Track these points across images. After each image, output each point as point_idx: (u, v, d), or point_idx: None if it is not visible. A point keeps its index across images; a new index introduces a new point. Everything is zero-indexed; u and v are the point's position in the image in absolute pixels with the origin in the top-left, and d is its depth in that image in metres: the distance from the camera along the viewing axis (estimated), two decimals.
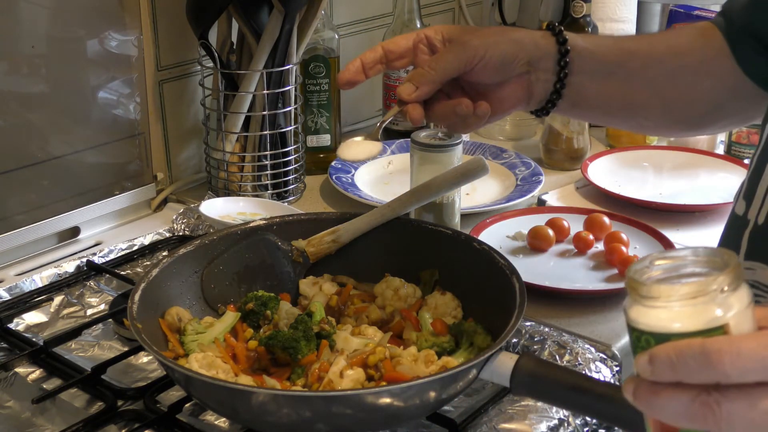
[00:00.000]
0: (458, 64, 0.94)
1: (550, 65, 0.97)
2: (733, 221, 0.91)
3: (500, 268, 1.03)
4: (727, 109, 1.04)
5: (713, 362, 0.54)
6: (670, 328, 0.56)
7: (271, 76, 1.41)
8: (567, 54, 0.97)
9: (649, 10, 1.99)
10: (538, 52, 0.97)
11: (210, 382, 0.87)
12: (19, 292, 1.21)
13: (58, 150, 1.34)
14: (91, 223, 1.40)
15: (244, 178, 1.46)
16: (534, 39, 0.98)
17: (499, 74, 0.96)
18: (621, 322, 1.15)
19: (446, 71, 0.94)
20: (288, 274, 1.13)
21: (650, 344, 0.57)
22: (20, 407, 0.99)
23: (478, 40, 0.95)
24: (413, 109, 0.95)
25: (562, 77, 0.98)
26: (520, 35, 0.98)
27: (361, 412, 0.86)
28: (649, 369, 0.57)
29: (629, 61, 1.01)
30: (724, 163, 1.59)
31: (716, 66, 1.00)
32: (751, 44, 0.97)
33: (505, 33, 0.98)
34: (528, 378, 0.89)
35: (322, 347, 0.98)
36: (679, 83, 1.01)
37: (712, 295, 0.56)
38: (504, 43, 0.95)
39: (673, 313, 0.56)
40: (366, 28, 1.82)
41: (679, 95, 1.02)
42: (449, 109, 0.97)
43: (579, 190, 1.53)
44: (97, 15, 1.35)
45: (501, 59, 0.95)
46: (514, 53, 0.96)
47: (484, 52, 0.94)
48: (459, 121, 0.97)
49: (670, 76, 1.01)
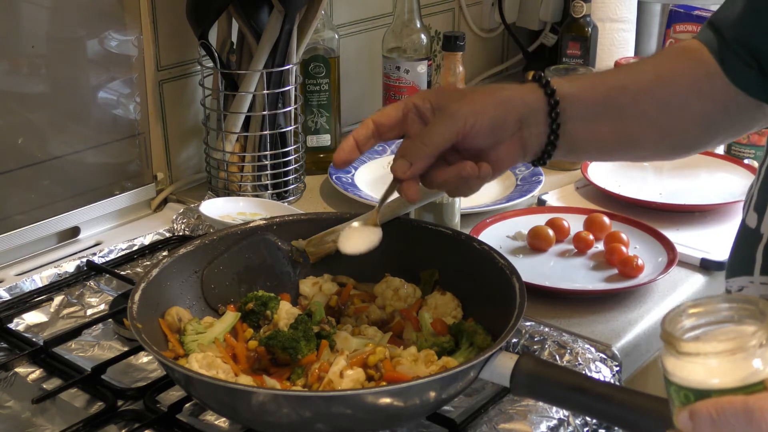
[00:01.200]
0: (450, 136, 0.92)
1: (542, 118, 0.95)
2: (745, 234, 0.90)
3: (500, 268, 1.03)
4: (722, 126, 1.02)
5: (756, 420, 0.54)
6: (709, 384, 0.56)
7: (271, 76, 1.41)
8: (557, 105, 0.95)
9: (649, 10, 1.99)
10: (528, 109, 0.95)
11: (210, 382, 0.87)
12: (19, 292, 1.21)
13: (58, 150, 1.34)
14: (91, 223, 1.40)
15: (244, 178, 1.46)
16: (522, 96, 0.95)
17: (492, 138, 0.94)
18: (621, 322, 1.15)
19: (438, 145, 0.92)
20: (288, 274, 1.13)
21: (690, 399, 0.57)
22: (20, 407, 0.99)
23: (466, 108, 0.92)
24: (409, 187, 0.93)
25: (555, 128, 0.96)
26: (507, 95, 0.95)
27: (361, 412, 0.86)
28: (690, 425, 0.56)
29: (618, 98, 0.99)
30: (724, 163, 1.59)
31: (707, 86, 0.98)
32: (742, 57, 0.95)
33: (493, 94, 0.95)
34: (528, 378, 0.89)
35: (322, 347, 0.98)
36: (671, 111, 0.99)
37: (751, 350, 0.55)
38: (492, 107, 0.93)
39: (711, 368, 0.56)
40: (366, 28, 1.82)
41: (673, 122, 1.00)
42: (452, 174, 0.94)
43: (579, 190, 1.53)
44: (97, 15, 1.35)
45: (491, 125, 0.93)
46: (504, 116, 0.93)
47: (474, 121, 0.92)
48: (462, 184, 0.95)
49: (662, 105, 0.99)
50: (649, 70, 1.01)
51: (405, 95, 1.71)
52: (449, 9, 2.02)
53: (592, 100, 0.98)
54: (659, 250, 1.28)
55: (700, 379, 0.56)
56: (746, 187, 1.50)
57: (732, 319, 0.57)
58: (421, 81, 1.71)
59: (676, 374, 0.57)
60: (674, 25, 1.85)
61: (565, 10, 2.05)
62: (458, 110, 0.92)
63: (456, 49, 1.63)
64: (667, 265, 1.23)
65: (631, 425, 0.85)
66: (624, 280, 1.22)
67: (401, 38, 1.70)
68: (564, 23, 1.89)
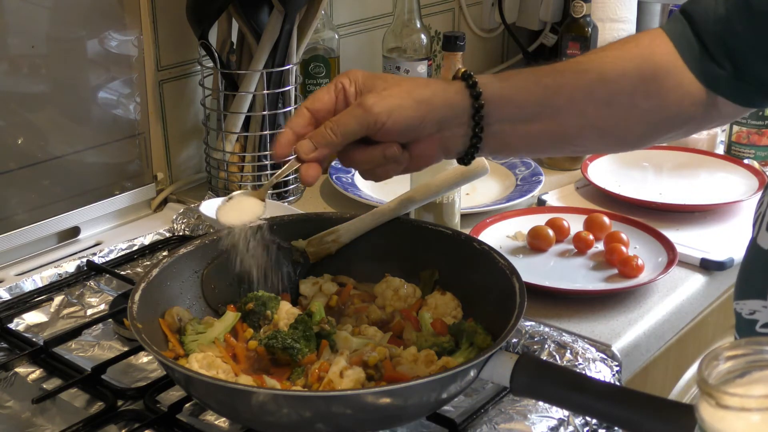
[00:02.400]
0: (359, 129, 0.89)
1: (465, 120, 0.92)
2: (756, 255, 0.86)
3: (500, 268, 1.03)
4: (673, 124, 0.98)
5: None
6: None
7: (271, 76, 1.41)
8: (481, 109, 0.91)
9: (649, 10, 1.99)
10: (450, 111, 0.91)
11: (210, 382, 0.87)
12: (19, 292, 1.21)
13: (58, 150, 1.34)
14: (91, 223, 1.40)
15: (244, 178, 1.46)
16: (446, 96, 0.92)
17: (405, 137, 0.91)
18: (621, 322, 1.15)
19: (346, 136, 0.90)
20: (288, 275, 1.13)
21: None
22: (20, 407, 0.99)
23: (381, 105, 0.88)
24: (308, 169, 0.90)
25: (478, 132, 0.92)
26: (429, 93, 0.91)
27: (361, 412, 0.86)
28: None
29: (553, 98, 0.95)
30: (724, 163, 1.60)
31: (657, 85, 0.94)
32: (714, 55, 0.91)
33: (413, 92, 0.90)
34: (528, 378, 0.89)
35: (322, 347, 0.98)
36: (613, 111, 0.95)
37: None
38: (409, 107, 0.89)
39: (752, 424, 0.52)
40: (366, 28, 1.82)
41: (614, 122, 0.96)
42: (376, 154, 0.91)
43: (579, 190, 1.53)
44: (97, 15, 1.35)
45: (405, 125, 0.89)
46: (421, 117, 0.90)
47: (387, 118, 0.88)
48: (380, 166, 0.93)
49: (602, 105, 0.95)
50: (592, 68, 0.96)
51: None
52: (449, 9, 2.02)
53: (522, 101, 0.94)
54: (659, 250, 1.28)
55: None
56: (746, 187, 1.51)
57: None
58: None
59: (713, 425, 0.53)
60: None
61: (565, 10, 2.05)
62: (373, 105, 0.89)
63: (456, 49, 1.62)
64: (667, 265, 1.23)
65: (631, 425, 0.85)
66: (624, 280, 1.22)
67: (401, 38, 1.70)
68: (564, 23, 1.89)
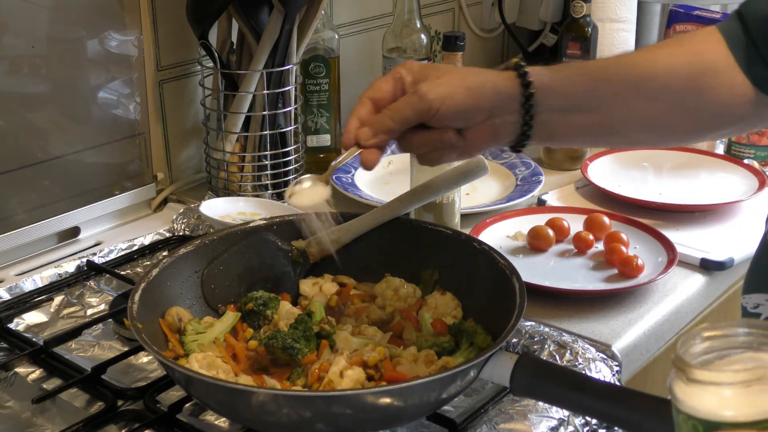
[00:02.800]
0: (414, 116, 0.93)
1: (515, 107, 0.94)
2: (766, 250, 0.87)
3: (500, 268, 1.03)
4: (723, 122, 0.99)
5: None
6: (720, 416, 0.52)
7: (271, 76, 1.41)
8: (531, 97, 0.94)
9: (649, 10, 1.99)
10: (500, 98, 0.94)
11: (210, 382, 0.87)
12: (19, 292, 1.21)
13: (58, 150, 1.34)
14: (91, 223, 1.40)
15: (244, 178, 1.46)
16: (495, 84, 0.95)
17: (458, 123, 0.94)
18: (621, 322, 1.15)
19: (403, 122, 0.94)
20: (288, 275, 1.13)
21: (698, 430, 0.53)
22: (20, 407, 0.99)
23: (434, 92, 0.92)
24: (368, 154, 0.95)
25: (528, 119, 0.95)
26: (481, 80, 0.95)
27: (361, 412, 0.86)
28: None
29: (600, 90, 0.97)
30: (724, 163, 1.59)
31: (708, 83, 0.95)
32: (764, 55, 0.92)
33: (465, 80, 0.94)
34: (528, 378, 0.89)
35: (322, 347, 0.98)
36: (660, 106, 0.96)
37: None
38: (461, 94, 0.93)
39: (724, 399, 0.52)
40: (366, 28, 1.82)
41: (661, 117, 0.97)
42: (434, 137, 0.95)
43: (579, 190, 1.53)
44: (97, 15, 1.35)
45: (457, 111, 0.93)
46: (473, 104, 0.93)
47: (440, 104, 0.92)
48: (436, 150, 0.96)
49: (649, 99, 0.96)
50: (642, 63, 0.98)
51: None
52: (449, 9, 2.02)
53: (570, 91, 0.96)
54: (659, 250, 1.28)
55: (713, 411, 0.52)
56: (746, 187, 1.51)
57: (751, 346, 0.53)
58: None
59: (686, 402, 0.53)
60: (674, 25, 1.84)
61: (565, 10, 2.05)
62: (427, 92, 0.92)
63: (456, 49, 1.63)
64: (667, 265, 1.23)
65: (631, 425, 0.85)
66: (624, 280, 1.22)
67: (401, 38, 1.70)
68: (564, 23, 1.89)
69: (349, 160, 1.60)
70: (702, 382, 0.53)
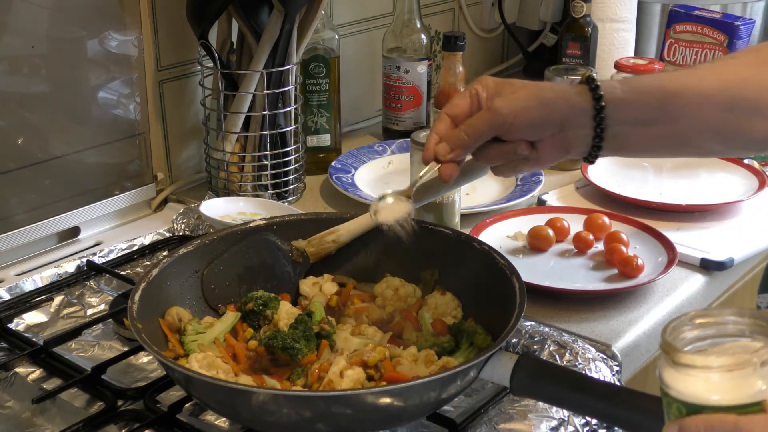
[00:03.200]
0: (489, 131, 0.97)
1: (587, 121, 0.97)
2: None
3: (500, 268, 1.03)
4: None
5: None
6: (705, 400, 0.53)
7: (271, 76, 1.41)
8: (602, 110, 0.96)
9: (649, 10, 1.99)
10: (572, 111, 0.97)
11: (210, 382, 0.87)
12: (19, 292, 1.21)
13: (58, 150, 1.34)
14: (91, 223, 1.40)
15: (244, 178, 1.46)
16: (567, 97, 0.97)
17: (531, 136, 0.97)
18: (621, 322, 1.15)
19: (478, 138, 0.97)
20: (288, 274, 1.13)
21: (682, 413, 0.54)
22: (20, 407, 0.99)
23: (508, 107, 0.96)
24: (446, 168, 0.99)
25: (600, 132, 0.97)
26: (553, 95, 0.98)
27: (361, 412, 0.86)
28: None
29: (674, 102, 0.97)
30: (724, 163, 1.59)
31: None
32: None
33: (539, 95, 0.97)
34: (528, 378, 0.89)
35: (322, 347, 0.98)
36: (735, 116, 0.96)
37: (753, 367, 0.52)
38: (534, 108, 0.96)
39: (710, 383, 0.53)
40: (366, 28, 1.82)
41: (736, 127, 0.97)
42: (508, 150, 0.98)
43: (579, 190, 1.53)
44: (97, 15, 1.35)
45: (530, 124, 0.96)
46: (545, 117, 0.96)
47: (513, 119, 0.95)
48: (510, 162, 0.99)
49: (723, 109, 0.96)
50: (712, 75, 0.98)
51: (405, 95, 1.71)
52: (449, 9, 2.02)
53: (642, 104, 0.97)
54: (659, 250, 1.28)
55: (698, 394, 0.53)
56: (746, 187, 1.51)
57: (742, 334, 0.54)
58: (421, 81, 1.71)
59: (672, 386, 0.54)
60: (674, 25, 1.85)
61: (565, 10, 2.05)
62: (501, 107, 0.96)
63: (456, 49, 1.63)
64: (667, 265, 1.23)
65: (631, 425, 0.85)
66: (624, 280, 1.22)
67: (401, 38, 1.70)
68: (564, 23, 1.89)
69: (349, 161, 1.60)
70: (689, 366, 0.53)
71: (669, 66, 1.82)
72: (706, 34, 1.81)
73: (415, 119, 1.74)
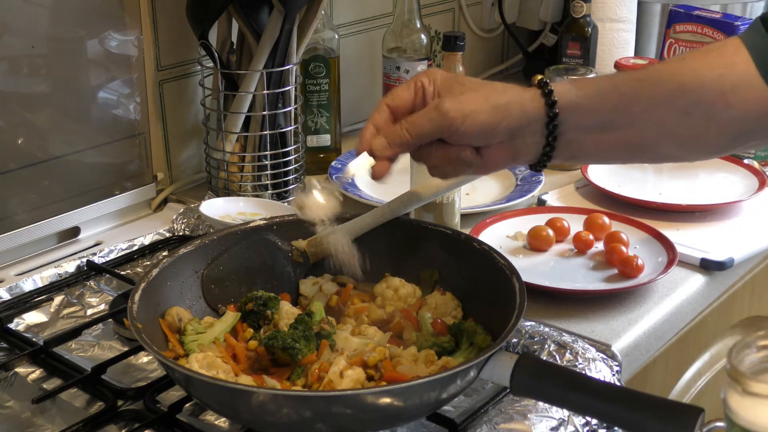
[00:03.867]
0: (433, 132, 0.91)
1: (539, 128, 0.93)
2: None
3: (500, 268, 1.03)
4: (756, 134, 0.96)
5: None
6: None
7: (271, 76, 1.41)
8: (556, 117, 0.92)
9: (649, 10, 1.99)
10: (524, 118, 0.92)
11: (210, 382, 0.87)
12: (19, 292, 1.21)
13: (58, 150, 1.34)
14: (91, 223, 1.40)
15: (244, 178, 1.46)
16: (521, 103, 0.92)
17: (478, 142, 0.92)
18: (621, 322, 1.15)
19: (421, 137, 0.92)
20: (288, 275, 1.13)
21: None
22: (20, 407, 0.99)
23: (457, 109, 0.90)
24: (380, 165, 0.93)
25: (552, 140, 0.93)
26: (505, 99, 0.92)
27: (361, 412, 0.86)
28: None
29: (630, 106, 0.93)
30: (724, 163, 1.59)
31: (738, 95, 0.92)
32: None
33: (490, 98, 0.92)
34: (528, 378, 0.89)
35: (322, 347, 0.98)
36: (693, 120, 0.93)
37: None
38: (485, 112, 0.90)
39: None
40: (366, 28, 1.82)
41: (694, 131, 0.94)
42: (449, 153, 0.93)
43: (579, 190, 1.53)
44: (97, 15, 1.35)
45: (479, 130, 0.91)
46: (495, 123, 0.91)
47: (461, 123, 0.90)
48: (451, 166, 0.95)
49: (682, 114, 0.93)
50: (670, 78, 0.95)
51: None
52: (449, 9, 2.02)
53: (598, 108, 0.94)
54: (659, 250, 1.28)
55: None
56: (746, 187, 1.51)
57: None
58: None
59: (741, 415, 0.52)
60: (674, 25, 1.85)
61: (565, 10, 2.05)
62: (449, 109, 0.90)
63: (456, 49, 1.62)
64: (667, 265, 1.23)
65: (631, 425, 0.85)
66: (624, 280, 1.22)
67: (401, 38, 1.70)
68: (564, 23, 1.89)
69: (349, 161, 1.60)
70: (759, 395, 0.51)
71: None
72: (706, 34, 1.81)
73: None
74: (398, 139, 0.92)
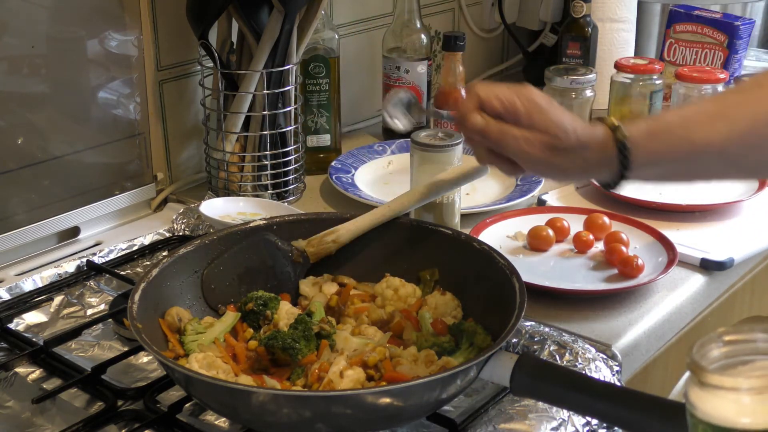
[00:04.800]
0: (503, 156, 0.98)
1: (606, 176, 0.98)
2: None
3: (500, 268, 1.03)
4: None
5: None
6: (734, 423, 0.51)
7: (271, 76, 1.41)
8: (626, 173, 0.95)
9: (649, 10, 1.99)
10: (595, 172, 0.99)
11: (210, 382, 0.87)
12: (19, 292, 1.21)
13: (58, 150, 1.34)
14: (91, 223, 1.40)
15: (244, 178, 1.46)
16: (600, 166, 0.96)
17: None
18: (621, 322, 1.15)
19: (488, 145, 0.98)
20: (288, 275, 1.13)
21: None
22: (20, 407, 0.99)
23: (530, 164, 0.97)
24: None
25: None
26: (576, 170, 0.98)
27: (361, 412, 0.86)
28: None
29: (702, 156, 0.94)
30: None
31: None
32: None
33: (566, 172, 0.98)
34: (528, 378, 0.89)
35: (322, 347, 0.98)
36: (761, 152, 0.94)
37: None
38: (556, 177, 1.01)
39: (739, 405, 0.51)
40: (366, 28, 1.82)
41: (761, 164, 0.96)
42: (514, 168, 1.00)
43: (579, 190, 1.53)
44: (97, 15, 1.35)
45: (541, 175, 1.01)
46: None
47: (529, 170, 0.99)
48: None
49: (751, 148, 0.94)
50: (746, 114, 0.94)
51: None
52: (449, 9, 2.02)
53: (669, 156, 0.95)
54: (659, 250, 1.28)
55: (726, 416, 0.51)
56: (746, 187, 1.51)
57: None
58: (421, 81, 1.71)
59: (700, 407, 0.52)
60: (674, 25, 1.85)
61: (565, 10, 2.05)
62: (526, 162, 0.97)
63: (456, 49, 1.63)
64: (667, 265, 1.23)
65: (631, 425, 0.85)
66: (624, 280, 1.22)
67: (401, 38, 1.70)
68: (564, 23, 1.89)
69: (349, 161, 1.60)
70: (717, 387, 0.51)
71: (669, 66, 1.82)
72: (706, 34, 1.81)
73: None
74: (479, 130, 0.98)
